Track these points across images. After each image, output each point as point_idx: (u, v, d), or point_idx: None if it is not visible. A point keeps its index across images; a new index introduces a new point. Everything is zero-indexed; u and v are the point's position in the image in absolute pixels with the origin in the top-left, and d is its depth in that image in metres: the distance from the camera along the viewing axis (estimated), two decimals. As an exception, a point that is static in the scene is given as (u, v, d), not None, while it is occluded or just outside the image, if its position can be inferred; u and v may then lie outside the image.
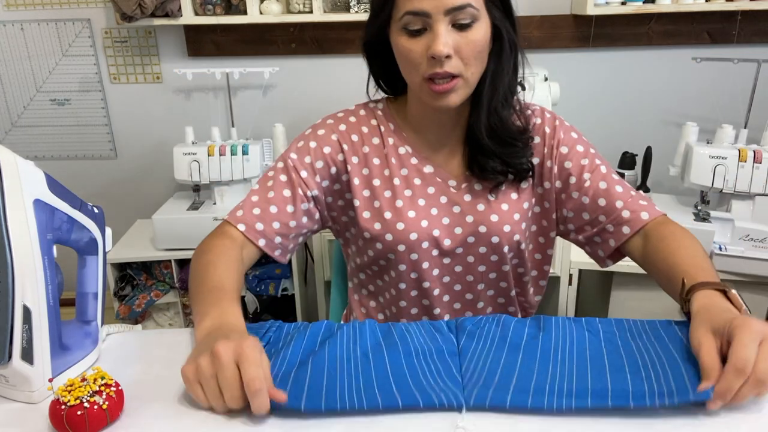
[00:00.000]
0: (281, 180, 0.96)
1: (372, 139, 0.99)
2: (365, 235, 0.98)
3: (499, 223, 0.96)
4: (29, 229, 0.64)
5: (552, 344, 0.74)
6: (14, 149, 0.65)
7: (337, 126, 0.99)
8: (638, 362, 0.70)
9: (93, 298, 0.77)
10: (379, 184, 0.97)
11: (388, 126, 1.00)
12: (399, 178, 0.97)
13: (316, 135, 0.99)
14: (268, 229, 0.94)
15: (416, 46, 0.85)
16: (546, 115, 1.00)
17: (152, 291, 1.91)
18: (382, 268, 1.01)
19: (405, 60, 0.88)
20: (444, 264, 0.99)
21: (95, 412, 0.61)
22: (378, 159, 0.98)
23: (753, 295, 1.56)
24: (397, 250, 0.96)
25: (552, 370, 0.69)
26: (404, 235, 0.95)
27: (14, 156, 0.64)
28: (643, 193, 0.99)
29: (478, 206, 0.97)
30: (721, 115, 1.75)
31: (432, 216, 0.96)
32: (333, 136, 0.98)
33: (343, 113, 1.02)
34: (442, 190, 0.98)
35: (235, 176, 1.82)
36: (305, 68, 2.04)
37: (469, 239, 0.97)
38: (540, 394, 0.65)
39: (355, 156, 0.98)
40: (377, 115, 1.01)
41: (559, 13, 1.91)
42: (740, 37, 1.90)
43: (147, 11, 1.75)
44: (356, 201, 0.98)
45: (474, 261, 0.99)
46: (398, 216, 0.96)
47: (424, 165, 0.98)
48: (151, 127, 2.13)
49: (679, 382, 0.65)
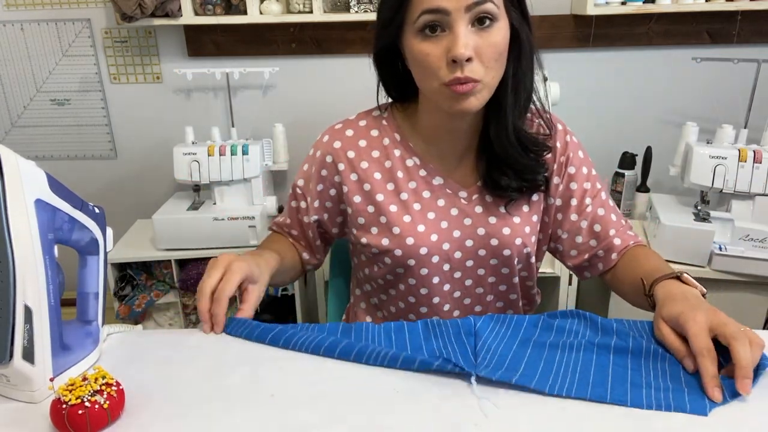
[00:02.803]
0: (292, 207, 1.06)
1: (372, 152, 0.96)
2: (373, 250, 0.96)
3: (511, 236, 0.94)
4: (30, 229, 0.64)
5: (558, 349, 0.74)
6: (14, 149, 0.64)
7: (331, 144, 0.98)
8: (641, 376, 0.69)
9: (94, 298, 0.77)
10: (383, 199, 0.94)
11: (393, 137, 0.96)
12: (407, 192, 0.94)
13: (314, 157, 1.00)
14: (296, 245, 1.09)
15: (434, 49, 0.79)
16: (558, 127, 0.97)
17: (152, 291, 1.91)
18: (389, 283, 0.99)
19: (422, 65, 0.81)
20: (454, 278, 0.97)
21: (96, 412, 0.61)
22: (379, 173, 0.95)
23: (753, 295, 1.56)
24: (406, 265, 0.94)
25: (554, 374, 0.69)
26: (414, 249, 0.92)
27: (15, 156, 0.64)
28: (629, 222, 1.02)
29: (490, 219, 0.94)
30: (721, 115, 1.75)
31: (442, 229, 0.94)
32: (328, 157, 0.98)
33: (342, 125, 0.99)
34: (452, 202, 0.95)
35: (235, 176, 1.82)
36: (305, 68, 2.04)
37: (480, 252, 0.95)
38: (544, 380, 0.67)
39: (353, 173, 0.96)
40: (381, 125, 0.97)
41: (559, 13, 1.91)
42: (740, 37, 1.90)
43: (147, 11, 1.75)
44: (360, 219, 0.96)
45: (484, 274, 0.97)
46: (407, 231, 0.93)
47: (434, 177, 0.95)
48: (151, 127, 2.13)
49: (678, 399, 0.65)
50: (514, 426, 0.62)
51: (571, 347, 0.74)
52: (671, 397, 0.65)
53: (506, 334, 0.78)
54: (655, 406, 0.64)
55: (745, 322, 0.70)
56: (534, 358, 0.72)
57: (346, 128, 0.98)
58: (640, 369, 0.70)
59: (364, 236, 0.96)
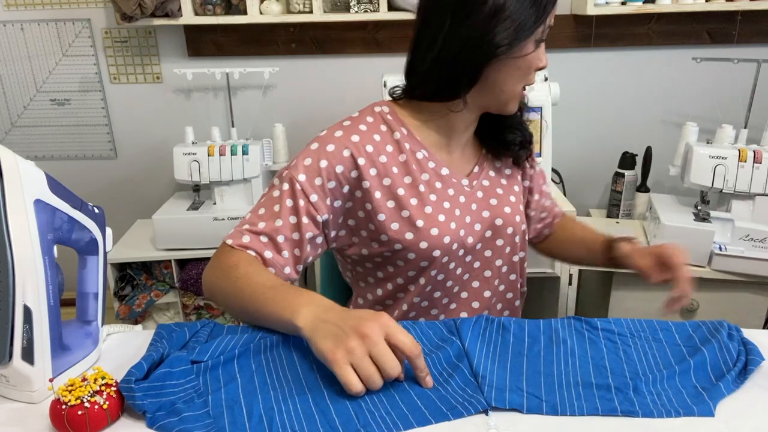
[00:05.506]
0: (288, 206, 0.90)
1: (386, 146, 0.95)
2: (396, 246, 0.94)
3: (511, 214, 1.02)
4: (30, 229, 0.64)
5: (554, 354, 0.74)
6: (14, 149, 0.65)
7: (348, 138, 0.93)
8: (640, 379, 0.69)
9: (93, 298, 0.77)
10: (404, 193, 0.94)
11: (401, 131, 0.96)
12: (423, 184, 0.95)
13: (325, 152, 0.91)
14: (277, 258, 0.89)
15: (535, 58, 0.90)
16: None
17: (152, 291, 1.91)
18: (409, 279, 0.98)
19: (527, 70, 0.91)
20: (466, 262, 1.00)
21: (96, 412, 0.61)
22: (396, 167, 0.95)
23: (753, 295, 1.56)
24: (432, 256, 0.94)
25: (558, 380, 0.70)
26: (439, 239, 0.94)
27: (15, 156, 0.64)
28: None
29: (491, 200, 1.01)
30: (721, 115, 1.75)
31: (456, 217, 0.97)
32: (345, 151, 0.91)
33: (350, 121, 0.96)
34: (459, 190, 0.99)
35: (235, 176, 1.82)
36: (305, 68, 2.04)
37: (487, 233, 1.01)
38: (551, 395, 0.67)
39: (372, 168, 0.93)
40: (387, 119, 0.97)
41: (559, 13, 1.91)
42: (740, 37, 1.90)
43: (147, 11, 1.75)
44: (381, 215, 0.93)
45: (491, 255, 1.02)
46: (431, 222, 0.94)
47: (441, 167, 0.98)
48: (151, 127, 2.13)
49: (679, 400, 0.65)
50: (514, 426, 0.62)
51: (566, 360, 0.74)
52: (676, 402, 0.65)
53: (496, 350, 0.76)
54: (665, 414, 0.63)
55: (745, 322, 0.70)
56: (532, 372, 0.71)
57: (357, 123, 0.96)
58: (639, 375, 0.70)
59: (384, 233, 0.94)
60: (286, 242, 0.90)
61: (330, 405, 0.65)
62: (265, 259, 0.88)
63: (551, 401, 0.65)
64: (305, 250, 0.91)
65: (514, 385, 0.68)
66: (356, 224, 0.96)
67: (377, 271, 1.01)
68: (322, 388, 0.67)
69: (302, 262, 0.92)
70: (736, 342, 0.75)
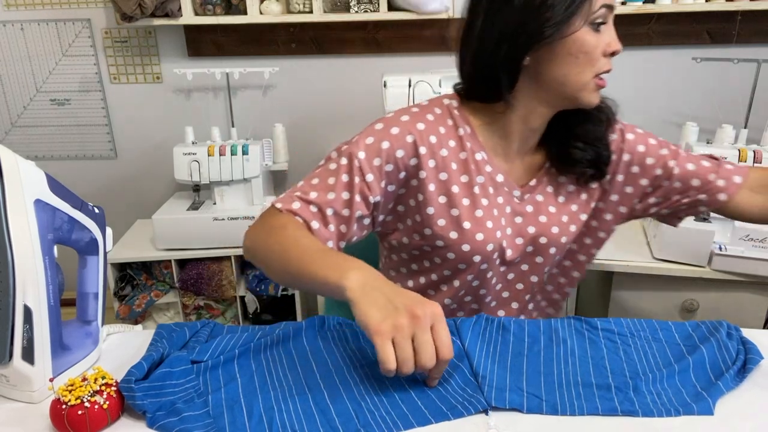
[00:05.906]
0: (343, 181, 0.86)
1: (449, 141, 0.92)
2: (438, 243, 0.93)
3: (558, 234, 0.96)
4: (30, 229, 0.64)
5: (554, 354, 0.75)
6: (14, 149, 0.65)
7: (414, 125, 0.90)
8: (640, 378, 0.69)
9: (93, 298, 0.77)
10: (458, 191, 0.92)
11: (465, 128, 0.93)
12: (478, 186, 0.92)
13: (389, 133, 0.88)
14: (323, 230, 0.86)
15: (600, 42, 0.84)
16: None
17: (152, 291, 1.91)
18: (443, 278, 0.97)
19: (587, 56, 0.85)
20: (501, 272, 0.97)
21: (96, 412, 0.61)
22: (455, 164, 0.92)
23: (753, 295, 1.56)
24: (471, 261, 0.92)
25: (558, 379, 0.70)
26: (482, 245, 0.91)
27: (15, 156, 0.64)
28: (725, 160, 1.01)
29: (540, 217, 0.95)
30: (721, 115, 1.75)
31: (502, 226, 0.94)
32: (408, 137, 0.89)
33: (419, 109, 0.93)
34: (507, 200, 0.95)
35: (235, 176, 1.82)
36: (305, 68, 2.04)
37: (528, 248, 0.96)
38: (551, 395, 0.67)
39: (432, 159, 0.90)
40: (454, 114, 0.94)
41: (559, 13, 1.91)
42: (740, 37, 1.90)
43: (147, 11, 1.75)
44: (430, 208, 0.91)
45: (527, 269, 0.98)
46: (478, 226, 0.91)
47: (497, 173, 0.94)
48: (151, 127, 2.13)
49: (679, 399, 0.66)
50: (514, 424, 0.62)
51: (566, 360, 0.74)
52: (675, 401, 0.65)
53: (496, 350, 0.76)
54: (665, 413, 0.63)
55: (745, 322, 0.70)
56: (532, 372, 0.71)
57: (425, 112, 0.92)
58: (639, 375, 0.70)
59: (429, 227, 0.92)
60: (334, 216, 0.86)
61: (330, 405, 0.65)
62: (311, 229, 0.84)
63: (551, 401, 0.65)
64: (351, 228, 0.88)
65: (514, 385, 0.68)
66: (405, 211, 0.94)
67: (412, 263, 0.99)
68: (322, 388, 0.68)
69: (346, 240, 0.89)
70: (735, 341, 0.76)
